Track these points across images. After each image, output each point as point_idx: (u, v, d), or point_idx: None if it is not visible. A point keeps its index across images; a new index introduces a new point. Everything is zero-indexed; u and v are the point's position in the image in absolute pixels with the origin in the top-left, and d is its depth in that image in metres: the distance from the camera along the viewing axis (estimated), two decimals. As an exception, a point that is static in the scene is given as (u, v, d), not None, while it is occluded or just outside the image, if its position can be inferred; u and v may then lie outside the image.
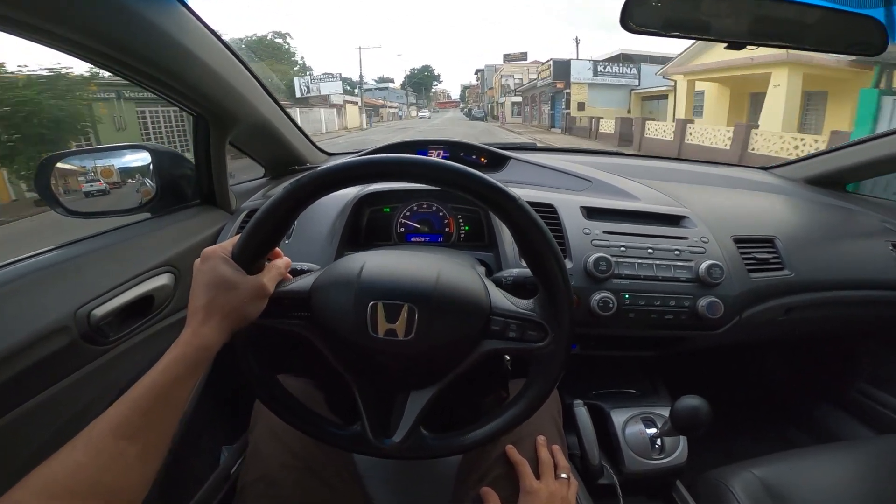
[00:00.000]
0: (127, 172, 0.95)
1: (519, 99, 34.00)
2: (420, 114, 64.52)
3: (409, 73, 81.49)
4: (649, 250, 0.92)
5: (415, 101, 74.71)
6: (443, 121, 41.91)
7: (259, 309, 0.53)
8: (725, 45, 0.69)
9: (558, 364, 0.56)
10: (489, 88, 48.13)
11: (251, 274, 0.52)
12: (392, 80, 78.66)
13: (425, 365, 0.56)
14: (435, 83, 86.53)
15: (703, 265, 0.89)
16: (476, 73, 70.09)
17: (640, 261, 0.90)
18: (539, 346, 0.55)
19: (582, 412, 0.97)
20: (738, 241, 0.98)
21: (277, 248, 0.57)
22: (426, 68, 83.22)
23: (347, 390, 0.57)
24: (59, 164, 0.89)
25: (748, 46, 0.68)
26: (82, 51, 0.66)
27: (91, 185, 0.93)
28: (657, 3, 0.70)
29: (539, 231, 0.52)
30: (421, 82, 78.81)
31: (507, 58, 39.83)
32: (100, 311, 0.69)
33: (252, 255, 0.53)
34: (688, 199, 1.07)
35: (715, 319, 0.88)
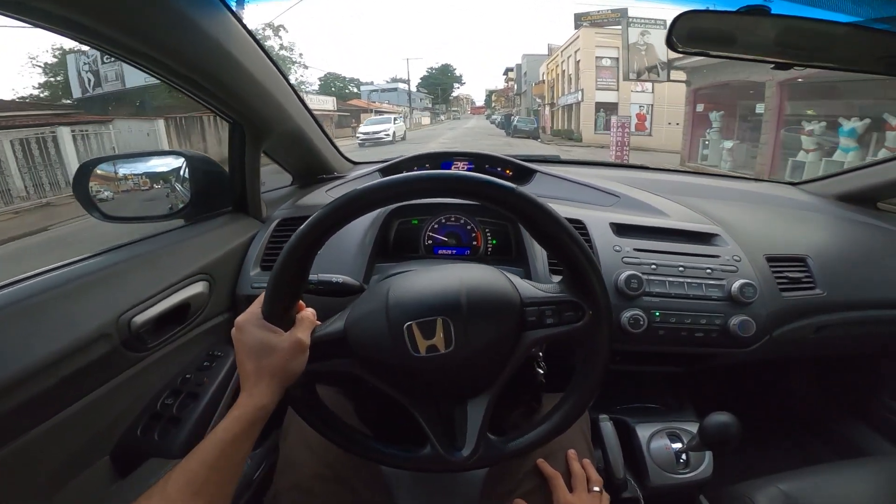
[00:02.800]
0: (162, 178, 0.96)
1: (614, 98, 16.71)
2: (435, 119, 55.49)
3: (427, 72, 68.04)
4: (680, 268, 0.91)
5: (430, 106, 61.74)
6: (457, 135, 25.84)
7: (302, 363, 0.54)
8: (773, 66, 0.69)
9: (604, 339, 0.56)
10: (538, 82, 30.01)
11: (287, 327, 0.54)
12: (406, 82, 64.59)
13: (474, 372, 0.56)
14: (456, 85, 72.92)
15: (736, 284, 0.88)
16: (506, 72, 57.48)
17: (671, 279, 0.90)
18: (579, 325, 0.55)
19: (607, 426, 0.96)
20: (771, 259, 0.97)
21: (301, 302, 0.58)
22: (446, 68, 69.39)
23: (408, 414, 0.57)
24: (97, 170, 0.90)
25: (795, 67, 0.68)
26: (128, 53, 0.67)
27: (129, 188, 0.94)
28: (705, 24, 0.70)
29: (543, 212, 0.52)
30: (437, 83, 65.96)
31: (584, 19, 17.96)
32: (140, 319, 0.70)
33: (281, 311, 0.54)
34: (717, 215, 1.07)
35: (746, 338, 0.88)
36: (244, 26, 0.76)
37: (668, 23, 0.66)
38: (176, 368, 0.82)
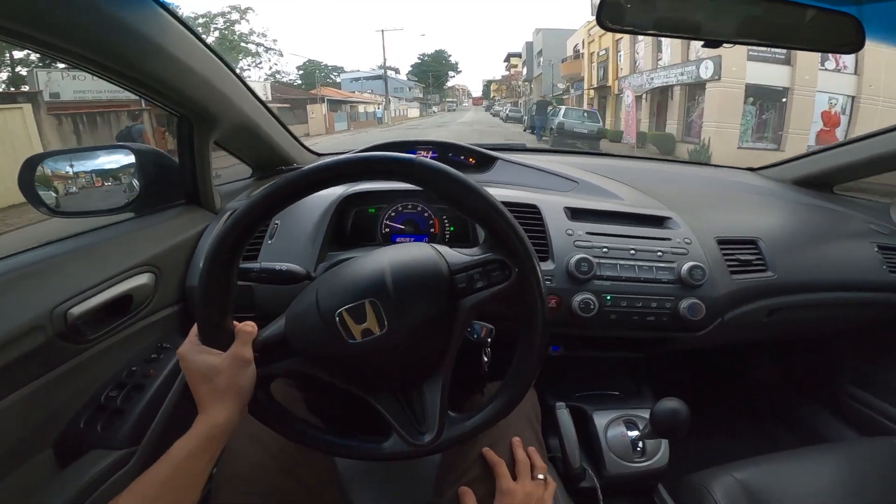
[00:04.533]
0: (110, 172, 0.95)
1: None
2: (427, 111, 50.26)
3: (419, 59, 61.36)
4: (632, 251, 0.91)
5: (420, 96, 55.43)
6: (449, 134, 16.24)
7: (250, 376, 0.54)
8: (703, 43, 0.69)
9: (536, 295, 0.55)
10: (566, 59, 22.88)
11: (226, 345, 0.54)
12: (397, 70, 59.37)
13: (419, 351, 0.56)
14: (451, 73, 65.27)
15: (685, 266, 0.89)
16: (507, 58, 55.00)
17: (622, 262, 0.90)
18: (507, 284, 0.55)
19: (564, 414, 0.96)
20: (721, 242, 0.98)
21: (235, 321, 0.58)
22: (440, 54, 61.71)
23: (369, 407, 0.57)
24: (42, 164, 0.89)
25: (724, 45, 0.68)
26: (64, 54, 0.66)
27: (77, 183, 0.93)
28: (635, 3, 0.70)
29: (446, 176, 0.52)
30: (429, 69, 58.98)
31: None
32: (77, 310, 0.69)
33: (215, 331, 0.54)
34: (673, 200, 1.07)
35: (697, 321, 0.88)
36: (178, 18, 0.75)
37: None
38: (122, 361, 0.82)
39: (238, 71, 0.96)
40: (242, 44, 27.34)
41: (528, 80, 35.91)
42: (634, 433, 0.95)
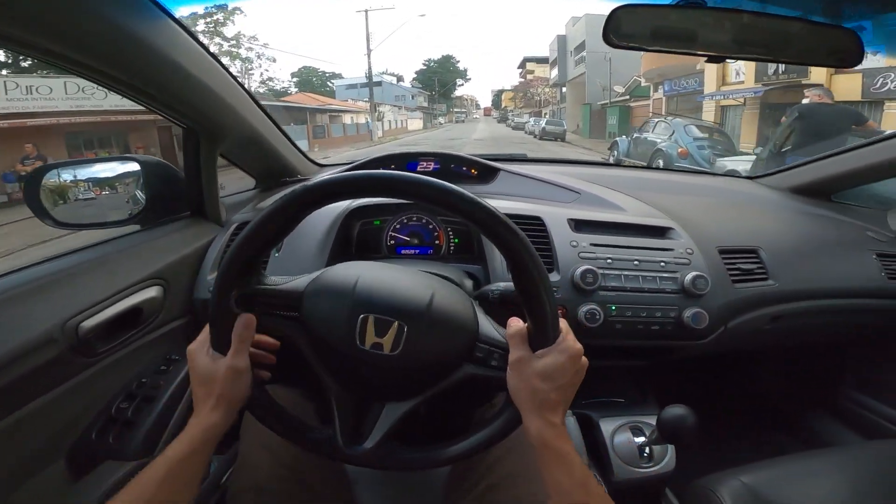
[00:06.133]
0: (116, 183, 0.95)
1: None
2: (432, 122, 45.41)
3: (424, 65, 56.64)
4: (635, 262, 0.92)
5: (425, 105, 48.93)
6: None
7: (242, 387, 0.56)
8: (706, 59, 0.70)
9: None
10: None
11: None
12: (400, 78, 52.97)
13: (405, 380, 0.57)
14: (459, 81, 59.73)
15: (688, 277, 0.90)
16: (523, 64, 47.63)
17: (626, 273, 0.91)
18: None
19: (570, 422, 0.97)
20: (723, 252, 0.99)
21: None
22: (447, 60, 56.66)
23: (325, 395, 0.58)
24: (48, 175, 0.89)
25: (727, 60, 0.69)
26: (72, 65, 0.67)
27: (82, 195, 0.93)
28: (642, 18, 0.71)
29: (530, 257, 0.51)
30: (435, 76, 53.69)
31: None
32: (88, 324, 0.70)
33: (223, 336, 0.55)
34: (674, 210, 1.09)
35: (700, 330, 0.89)
36: (188, 31, 0.76)
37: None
38: (131, 373, 0.82)
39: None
40: (232, 49, 25.34)
41: (560, 83, 27.81)
42: (641, 439, 0.96)
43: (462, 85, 62.93)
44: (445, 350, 0.55)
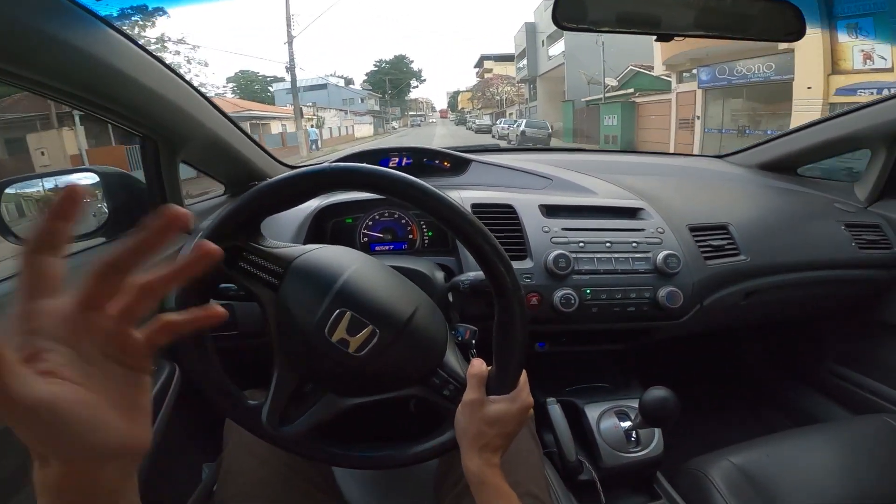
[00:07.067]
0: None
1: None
2: (385, 127, 42.12)
3: (375, 66, 53.36)
4: (607, 244, 0.93)
5: (376, 108, 45.83)
6: None
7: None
8: (655, 37, 0.71)
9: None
10: None
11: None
12: (350, 80, 49.87)
13: (354, 380, 0.56)
14: (414, 83, 57.37)
15: (660, 255, 0.90)
16: (480, 63, 45.15)
17: (599, 255, 0.91)
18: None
19: (555, 410, 0.96)
20: (693, 229, 1.00)
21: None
22: (400, 60, 53.96)
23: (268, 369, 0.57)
24: (6, 191, 0.87)
25: (675, 38, 0.70)
26: (14, 79, 0.65)
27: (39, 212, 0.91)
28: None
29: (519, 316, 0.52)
30: (387, 75, 50.80)
31: None
32: None
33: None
34: (644, 191, 1.09)
35: (676, 308, 0.90)
36: (131, 39, 0.74)
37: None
38: None
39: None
40: (158, 52, 23.13)
41: (530, 79, 24.08)
42: (627, 423, 0.96)
43: (417, 87, 60.65)
44: (406, 366, 0.56)
